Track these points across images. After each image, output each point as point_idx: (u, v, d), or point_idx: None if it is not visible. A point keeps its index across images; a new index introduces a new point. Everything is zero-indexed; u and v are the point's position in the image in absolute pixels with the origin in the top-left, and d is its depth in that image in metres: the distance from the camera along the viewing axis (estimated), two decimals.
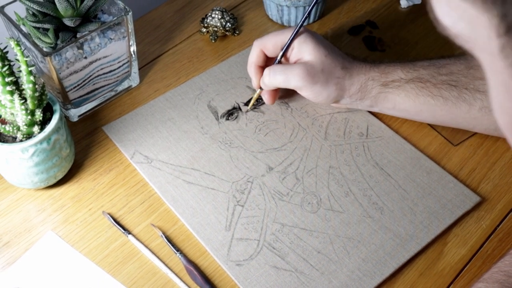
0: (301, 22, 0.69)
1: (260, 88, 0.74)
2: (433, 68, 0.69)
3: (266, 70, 0.71)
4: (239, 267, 0.62)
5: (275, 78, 0.70)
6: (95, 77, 0.75)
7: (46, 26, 0.69)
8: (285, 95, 0.78)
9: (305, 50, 0.69)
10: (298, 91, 0.71)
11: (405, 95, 0.69)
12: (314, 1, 0.71)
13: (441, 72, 0.68)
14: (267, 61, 0.74)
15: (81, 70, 0.72)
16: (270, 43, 0.72)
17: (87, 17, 0.72)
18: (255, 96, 0.75)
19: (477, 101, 0.66)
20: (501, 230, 0.66)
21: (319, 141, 0.73)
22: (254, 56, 0.73)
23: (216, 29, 0.86)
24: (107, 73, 0.76)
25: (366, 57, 0.84)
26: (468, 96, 0.66)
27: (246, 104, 0.77)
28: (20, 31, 0.69)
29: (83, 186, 0.70)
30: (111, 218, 0.67)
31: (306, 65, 0.68)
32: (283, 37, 0.71)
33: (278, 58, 0.71)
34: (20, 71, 0.61)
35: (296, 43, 0.70)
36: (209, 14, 0.86)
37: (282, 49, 0.71)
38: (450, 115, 0.69)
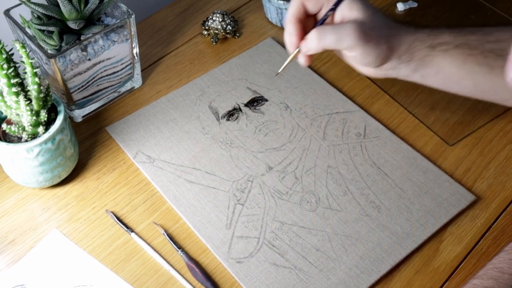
0: None
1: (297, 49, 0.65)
2: (480, 34, 0.65)
3: (313, 32, 0.63)
4: (240, 264, 0.62)
5: (325, 38, 0.63)
6: (99, 78, 0.75)
7: (51, 28, 0.69)
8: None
9: (353, 7, 0.63)
10: (348, 52, 0.65)
11: (451, 61, 0.64)
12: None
13: (489, 39, 0.65)
14: (306, 20, 0.66)
15: (85, 71, 0.72)
16: None
17: (91, 20, 0.72)
18: (292, 56, 0.64)
19: None
20: (496, 228, 0.66)
21: (317, 141, 0.73)
22: (294, 8, 0.65)
23: (217, 31, 0.86)
24: (110, 74, 0.76)
25: None
26: None
27: (246, 105, 0.77)
28: (26, 33, 0.69)
29: (87, 185, 0.70)
30: (114, 217, 0.67)
31: (358, 23, 0.63)
32: None
33: (329, 10, 0.64)
34: (26, 72, 0.61)
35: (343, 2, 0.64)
36: (210, 17, 0.86)
37: (334, 3, 0.64)
38: (492, 84, 0.64)
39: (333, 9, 0.64)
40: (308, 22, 0.66)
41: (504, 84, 0.64)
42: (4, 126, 0.65)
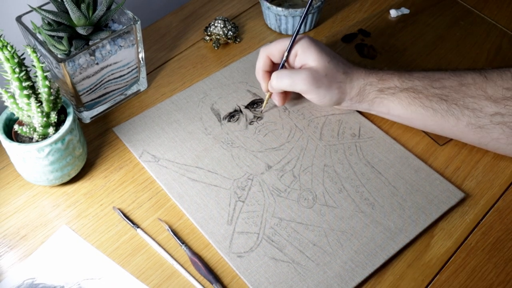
0: (298, 26, 0.69)
1: (269, 91, 0.74)
2: (427, 80, 0.68)
3: (274, 74, 0.72)
4: (240, 258, 0.62)
5: (282, 81, 0.71)
6: (106, 81, 0.75)
7: (61, 34, 0.69)
8: (296, 99, 0.78)
9: (309, 56, 0.69)
10: (303, 95, 0.72)
11: (398, 102, 0.69)
12: (308, 4, 0.71)
13: (435, 85, 0.68)
14: (273, 67, 0.74)
15: (93, 75, 0.72)
16: (276, 50, 0.72)
17: (98, 26, 0.72)
18: (267, 98, 0.75)
19: (465, 117, 0.66)
20: (484, 224, 0.66)
21: (314, 141, 0.73)
22: (261, 62, 0.73)
23: (218, 37, 0.86)
24: (117, 78, 0.76)
25: (358, 63, 0.84)
26: (457, 111, 0.66)
27: (247, 107, 0.77)
28: (36, 39, 0.69)
29: (95, 183, 0.70)
30: (121, 213, 0.67)
31: (311, 71, 0.69)
32: (287, 43, 0.71)
33: (283, 61, 0.72)
34: (36, 76, 0.61)
35: (300, 50, 0.70)
36: (212, 23, 0.86)
37: (284, 53, 0.71)
38: (439, 126, 0.69)
39: (288, 54, 0.72)
40: (276, 69, 0.74)
41: (449, 128, 0.67)
42: (16, 127, 0.65)
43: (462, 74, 0.68)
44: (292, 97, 0.78)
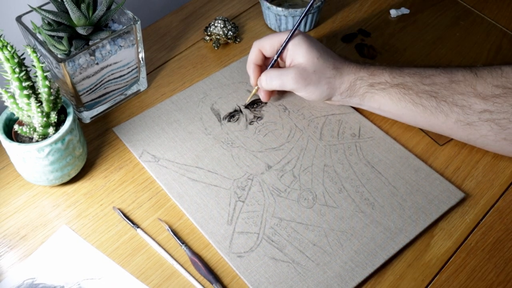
0: (296, 26, 0.70)
1: (257, 86, 0.75)
2: (418, 77, 0.69)
3: (263, 75, 0.73)
4: (240, 258, 0.62)
5: (272, 82, 0.72)
6: (106, 81, 0.74)
7: (61, 34, 0.69)
8: (281, 94, 0.78)
9: (298, 53, 0.70)
10: (294, 92, 0.72)
11: (389, 98, 0.69)
12: (309, 5, 0.72)
13: (425, 82, 0.68)
14: (265, 60, 0.75)
15: (93, 75, 0.72)
16: (268, 44, 0.72)
17: (98, 26, 0.72)
18: (253, 92, 0.76)
19: (454, 114, 0.66)
20: (484, 224, 0.66)
21: (314, 141, 0.73)
22: (252, 55, 0.74)
23: (218, 37, 0.86)
24: (117, 78, 0.76)
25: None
26: (446, 108, 0.67)
27: (247, 107, 0.77)
28: (36, 39, 0.69)
29: (95, 183, 0.70)
30: (121, 213, 0.67)
31: (299, 69, 0.69)
32: (280, 38, 0.72)
33: (273, 59, 0.73)
34: (36, 76, 0.61)
35: (290, 45, 0.71)
36: (212, 23, 0.86)
37: (277, 52, 0.72)
38: (428, 122, 0.69)
39: (280, 53, 0.72)
40: (268, 62, 0.75)
41: (438, 125, 0.67)
42: (16, 127, 0.65)
43: (453, 71, 0.68)
44: (288, 95, 0.77)
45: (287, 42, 0.71)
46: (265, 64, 0.75)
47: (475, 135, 0.67)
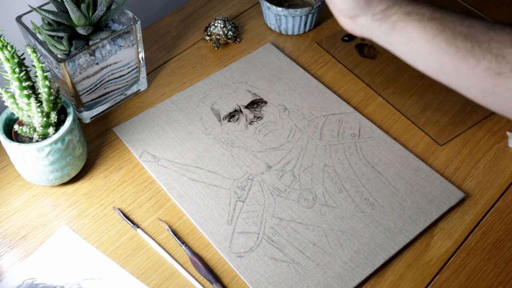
0: None
1: None
2: (457, 17, 0.65)
3: None
4: (240, 258, 0.62)
5: None
6: (106, 81, 0.75)
7: (61, 34, 0.69)
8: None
9: None
10: None
11: (422, 32, 0.65)
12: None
13: (464, 23, 0.65)
14: None
15: (93, 75, 0.72)
16: None
17: (98, 26, 0.72)
18: None
19: (485, 61, 0.63)
20: (484, 224, 0.66)
21: (314, 141, 0.73)
22: None
23: (218, 37, 0.86)
24: (117, 78, 0.76)
25: (359, 63, 0.84)
26: (479, 54, 0.63)
27: (247, 107, 0.77)
28: (36, 39, 0.69)
29: (95, 183, 0.70)
30: (121, 213, 0.67)
31: None
32: None
33: None
34: (36, 76, 0.61)
35: None
36: (212, 23, 0.86)
37: None
38: (455, 66, 0.64)
39: None
40: None
41: (466, 70, 0.64)
42: (16, 127, 0.65)
43: (494, 23, 0.66)
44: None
45: None
46: None
47: (502, 87, 0.64)
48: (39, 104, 0.62)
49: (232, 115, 0.76)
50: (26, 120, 0.64)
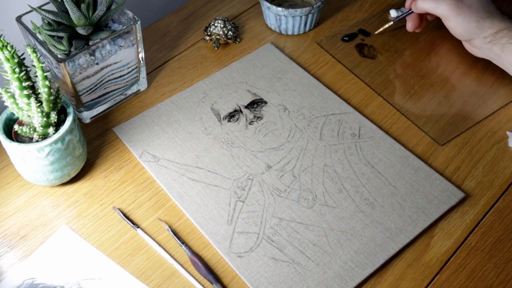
0: None
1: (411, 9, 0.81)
2: None
3: None
4: (240, 258, 0.62)
5: (426, 2, 0.76)
6: (106, 81, 0.75)
7: (61, 34, 0.69)
8: (425, 28, 0.83)
9: None
10: (443, 21, 0.76)
11: None
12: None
13: None
14: None
15: (93, 75, 0.72)
16: None
17: (98, 26, 0.72)
18: (385, 27, 0.86)
19: None
20: (484, 224, 0.66)
21: (314, 141, 0.73)
22: None
23: (218, 37, 0.86)
24: (117, 78, 0.76)
25: (359, 63, 0.84)
26: None
27: (247, 107, 0.77)
28: (36, 39, 0.69)
29: (95, 183, 0.70)
30: (121, 213, 0.67)
31: (457, 0, 0.73)
32: None
33: None
34: (36, 76, 0.61)
35: None
36: (212, 23, 0.86)
37: None
38: None
39: None
40: None
41: None
42: (16, 127, 0.65)
43: None
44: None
45: None
46: None
47: None
48: (39, 104, 0.62)
49: (232, 115, 0.76)
50: (26, 120, 0.64)
